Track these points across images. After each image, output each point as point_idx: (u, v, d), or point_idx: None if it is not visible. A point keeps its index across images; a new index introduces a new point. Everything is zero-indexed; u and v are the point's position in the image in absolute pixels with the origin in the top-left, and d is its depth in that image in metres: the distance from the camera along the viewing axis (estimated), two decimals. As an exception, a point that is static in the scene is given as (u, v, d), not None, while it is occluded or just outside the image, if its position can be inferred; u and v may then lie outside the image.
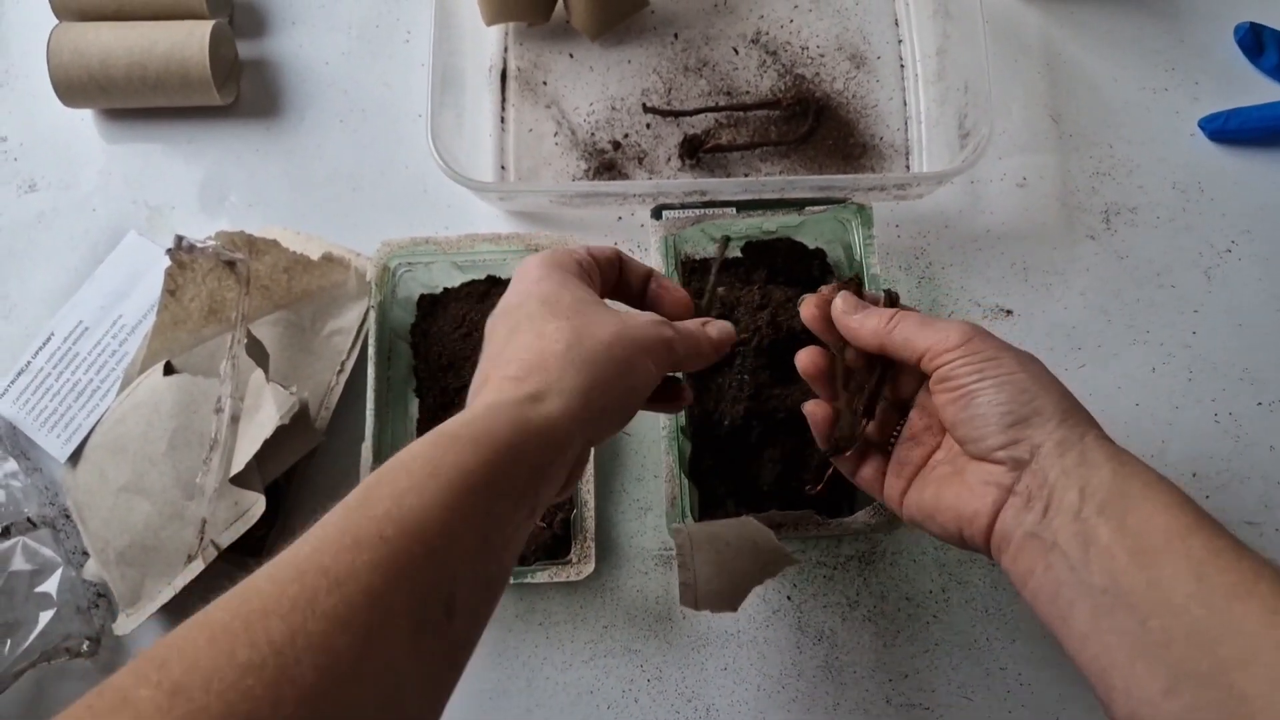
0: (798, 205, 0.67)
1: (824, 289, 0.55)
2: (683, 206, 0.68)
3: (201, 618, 0.33)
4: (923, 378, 0.52)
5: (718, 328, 0.53)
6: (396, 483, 0.38)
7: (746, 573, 0.57)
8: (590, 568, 0.64)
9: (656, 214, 0.67)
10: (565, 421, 0.43)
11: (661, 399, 0.54)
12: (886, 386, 0.54)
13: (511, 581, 0.64)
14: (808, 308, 0.55)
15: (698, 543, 0.57)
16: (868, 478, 0.55)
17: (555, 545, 0.66)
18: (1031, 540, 0.44)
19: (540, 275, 0.49)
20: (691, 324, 0.52)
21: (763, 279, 0.70)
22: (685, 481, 0.63)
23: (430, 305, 0.72)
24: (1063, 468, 0.44)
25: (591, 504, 0.66)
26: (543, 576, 0.64)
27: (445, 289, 0.72)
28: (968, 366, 0.47)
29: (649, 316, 0.49)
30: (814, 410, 0.55)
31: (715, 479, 0.66)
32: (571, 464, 0.45)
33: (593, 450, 0.63)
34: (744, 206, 0.67)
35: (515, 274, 0.50)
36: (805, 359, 0.55)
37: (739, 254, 0.71)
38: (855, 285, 0.55)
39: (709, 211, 0.67)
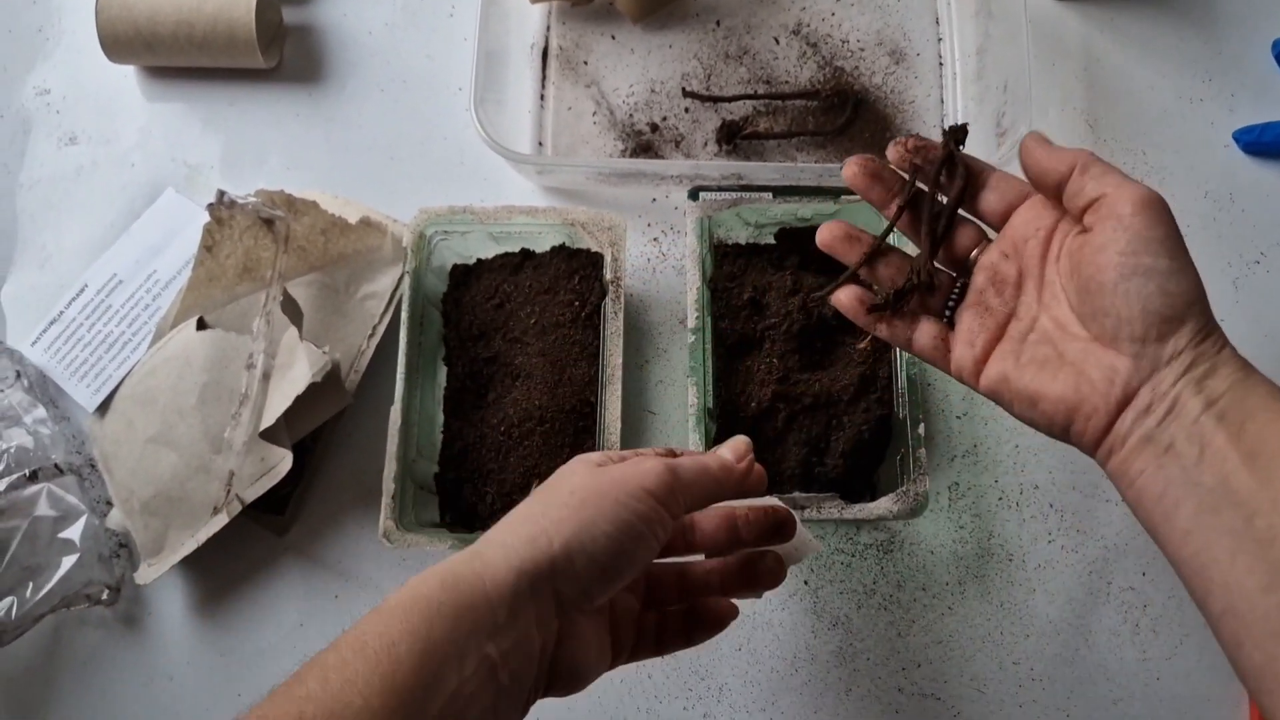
0: (834, 194, 0.68)
1: (902, 139, 0.52)
2: (719, 189, 0.68)
3: None
4: (979, 236, 0.51)
5: (730, 444, 0.50)
6: (325, 661, 0.38)
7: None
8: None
9: (693, 195, 0.68)
10: (504, 571, 0.41)
11: (749, 578, 0.51)
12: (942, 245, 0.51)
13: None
14: (855, 163, 0.52)
15: (723, 518, 0.57)
16: (925, 346, 0.51)
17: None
18: (1147, 443, 0.43)
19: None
20: (726, 445, 0.50)
21: (795, 265, 0.70)
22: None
23: (463, 275, 0.72)
24: (1193, 378, 0.43)
25: (615, 478, 0.66)
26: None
27: (479, 259, 0.72)
28: (1147, 232, 0.43)
29: (646, 459, 0.47)
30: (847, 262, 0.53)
31: (738, 461, 0.66)
32: (542, 620, 0.41)
33: (619, 429, 0.63)
34: (780, 192, 0.68)
35: None
36: (854, 163, 0.52)
37: (771, 240, 0.72)
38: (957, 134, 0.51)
39: (745, 195, 0.68)
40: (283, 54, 0.81)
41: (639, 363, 0.73)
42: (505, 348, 0.69)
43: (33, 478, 0.67)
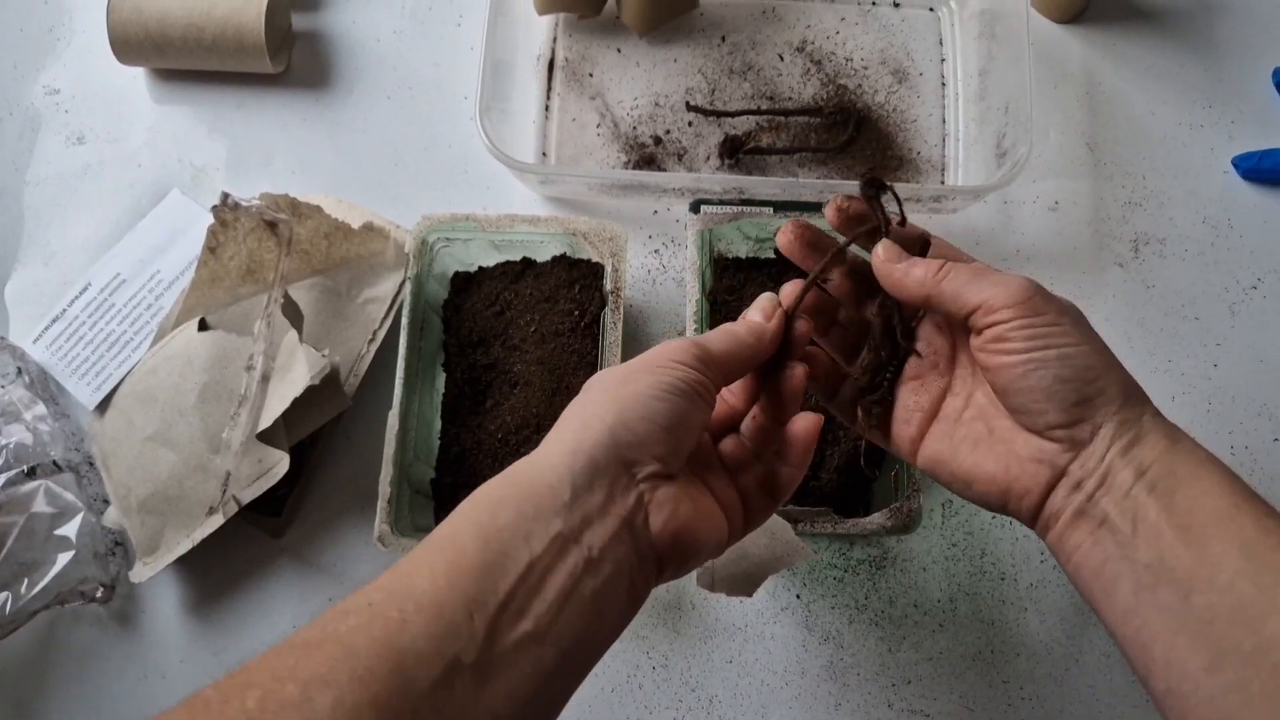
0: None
1: (837, 198, 0.50)
2: (721, 203, 0.69)
3: None
4: (918, 313, 0.50)
5: (757, 305, 0.48)
6: (397, 565, 0.38)
7: (763, 561, 0.57)
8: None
9: (695, 208, 0.68)
10: (560, 456, 0.40)
11: (774, 402, 0.48)
12: (881, 324, 0.50)
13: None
14: (789, 230, 0.51)
15: (716, 529, 0.57)
16: (864, 426, 0.51)
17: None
18: (1081, 517, 0.43)
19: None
20: (753, 306, 0.48)
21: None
22: (706, 471, 0.63)
23: (464, 282, 0.73)
24: (1120, 448, 0.43)
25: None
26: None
27: (480, 267, 0.73)
28: (1028, 330, 0.43)
29: (671, 341, 0.45)
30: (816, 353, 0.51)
31: (733, 473, 0.67)
32: (617, 492, 0.41)
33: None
34: (781, 207, 0.68)
35: None
36: (789, 230, 0.51)
37: (771, 255, 0.72)
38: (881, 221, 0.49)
39: (746, 210, 0.68)
40: (291, 59, 0.81)
41: (637, 373, 0.73)
42: (504, 355, 0.70)
43: (31, 474, 0.68)
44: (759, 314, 0.47)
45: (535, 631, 0.37)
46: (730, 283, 0.71)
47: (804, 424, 0.47)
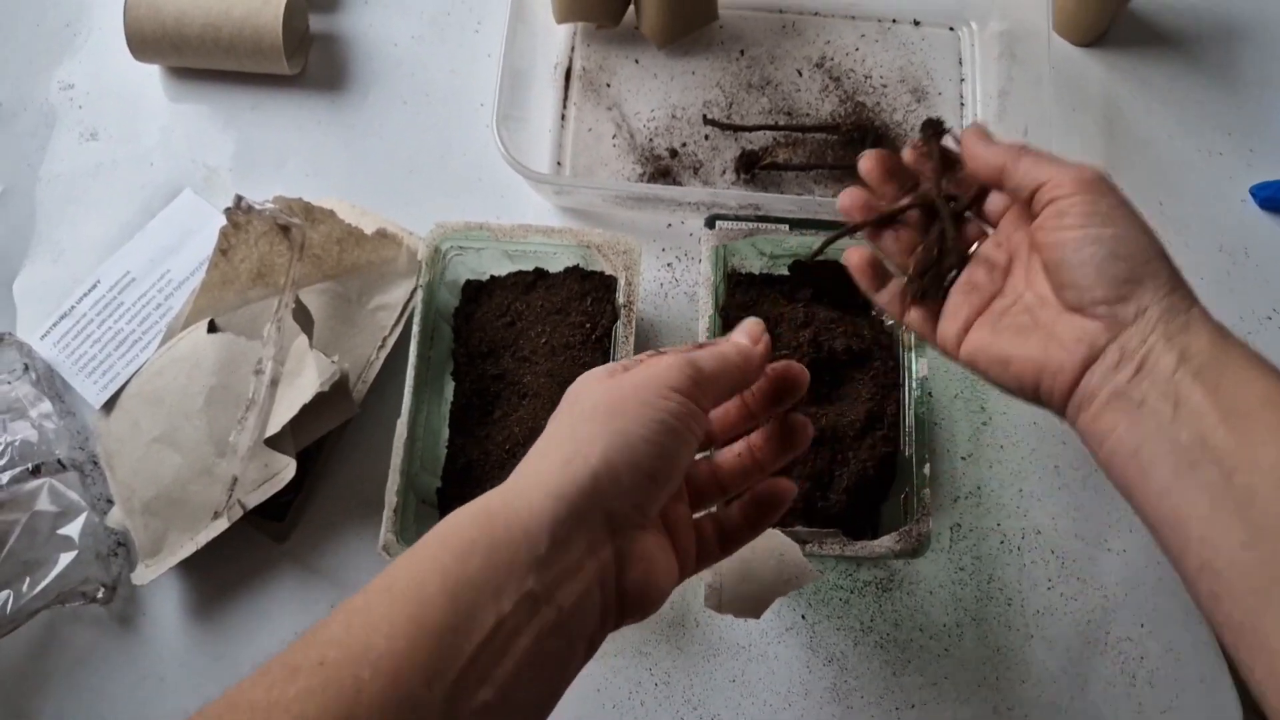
0: (850, 229, 0.68)
1: (912, 142, 0.53)
2: (736, 218, 0.68)
3: None
4: (979, 233, 0.52)
5: (743, 328, 0.47)
6: (352, 605, 0.36)
7: (770, 583, 0.57)
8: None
9: (710, 223, 0.68)
10: (541, 500, 0.38)
11: (781, 443, 0.49)
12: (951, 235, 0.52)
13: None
14: (872, 156, 0.53)
15: (725, 549, 0.57)
16: (915, 320, 0.52)
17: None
18: (1117, 399, 0.43)
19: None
20: (736, 328, 0.47)
21: (807, 298, 0.70)
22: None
23: (475, 291, 0.72)
24: (1165, 333, 0.43)
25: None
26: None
27: (492, 276, 0.72)
28: (1089, 208, 0.45)
29: (662, 356, 0.44)
30: (858, 253, 0.53)
31: (741, 491, 0.66)
32: (594, 546, 0.39)
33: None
34: (797, 224, 0.68)
35: None
36: (870, 156, 0.53)
37: (785, 271, 0.72)
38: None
39: (761, 226, 0.68)
40: (307, 61, 0.81)
41: (647, 387, 0.72)
42: (514, 366, 0.69)
43: (35, 472, 0.67)
44: (745, 337, 0.46)
45: (493, 702, 0.35)
46: (743, 299, 0.70)
47: (785, 485, 0.48)
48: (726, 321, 0.69)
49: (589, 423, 0.40)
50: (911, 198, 0.52)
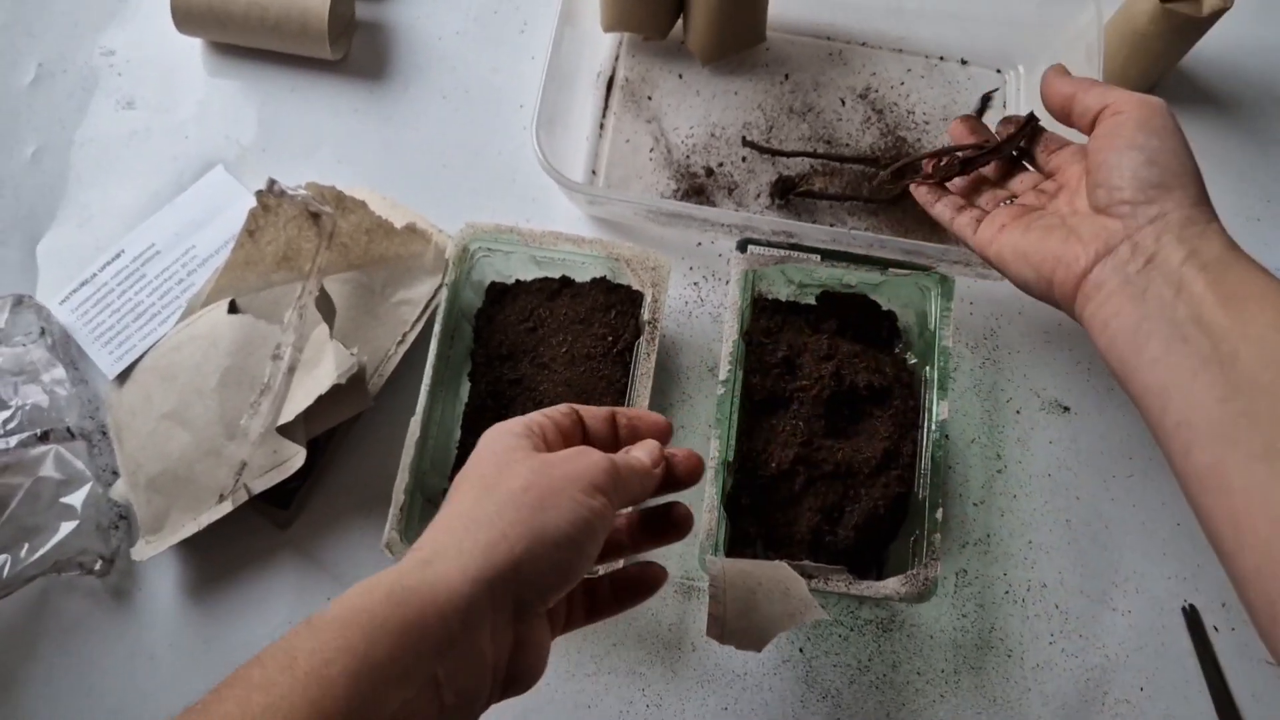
0: (882, 264, 0.67)
1: (1008, 118, 0.61)
2: (769, 244, 0.68)
3: None
4: (1038, 177, 0.58)
5: (644, 449, 0.48)
6: (250, 677, 0.35)
7: (775, 616, 0.56)
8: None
9: (742, 247, 0.67)
10: (460, 582, 0.38)
11: (658, 530, 0.51)
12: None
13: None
14: (962, 120, 0.63)
15: (731, 579, 0.56)
16: (961, 224, 0.58)
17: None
18: (1124, 287, 0.47)
19: (482, 447, 0.46)
20: (640, 446, 0.49)
21: (832, 330, 0.70)
22: (724, 515, 0.63)
23: (499, 294, 0.72)
24: (1179, 236, 0.46)
25: (625, 520, 0.65)
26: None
27: (518, 280, 0.72)
28: (1143, 122, 0.49)
29: (589, 452, 0.45)
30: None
31: (749, 518, 0.66)
32: (497, 632, 0.39)
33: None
34: (828, 256, 0.67)
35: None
36: (961, 119, 0.64)
37: (813, 300, 0.71)
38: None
39: (793, 254, 0.67)
40: (350, 48, 0.81)
41: (663, 406, 0.72)
42: (532, 372, 0.69)
43: (43, 438, 0.67)
44: (646, 457, 0.48)
45: None
46: (768, 324, 0.70)
47: (658, 572, 0.52)
48: (750, 346, 0.68)
49: (517, 509, 0.41)
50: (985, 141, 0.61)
